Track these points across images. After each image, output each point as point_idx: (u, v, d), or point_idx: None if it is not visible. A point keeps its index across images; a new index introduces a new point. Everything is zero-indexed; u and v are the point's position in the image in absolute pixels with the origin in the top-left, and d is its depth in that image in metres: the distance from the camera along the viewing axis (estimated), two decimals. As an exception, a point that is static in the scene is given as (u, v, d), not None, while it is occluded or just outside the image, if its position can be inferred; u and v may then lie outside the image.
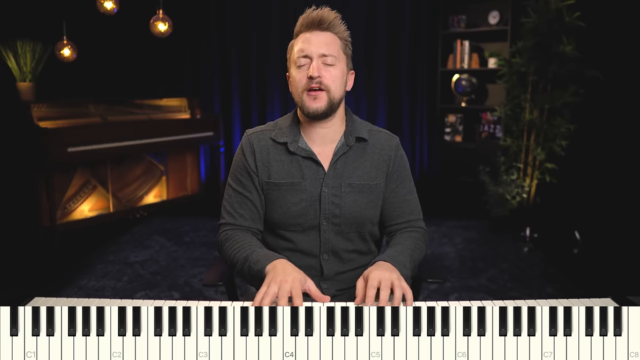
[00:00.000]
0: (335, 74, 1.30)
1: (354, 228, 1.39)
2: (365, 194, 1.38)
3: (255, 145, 1.38)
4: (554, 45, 3.64)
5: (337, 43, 1.32)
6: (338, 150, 1.37)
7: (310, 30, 1.31)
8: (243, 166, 1.38)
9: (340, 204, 1.36)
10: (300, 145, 1.36)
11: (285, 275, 1.10)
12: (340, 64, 1.31)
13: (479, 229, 4.11)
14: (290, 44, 1.36)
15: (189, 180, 4.88)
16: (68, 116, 3.88)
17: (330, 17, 1.31)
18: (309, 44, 1.29)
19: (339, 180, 1.36)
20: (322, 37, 1.30)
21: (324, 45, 1.29)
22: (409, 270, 1.28)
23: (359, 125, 1.41)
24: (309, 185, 1.35)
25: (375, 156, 1.40)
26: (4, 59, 3.78)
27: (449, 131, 5.00)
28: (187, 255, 3.53)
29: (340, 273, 1.41)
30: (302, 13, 1.35)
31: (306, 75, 1.29)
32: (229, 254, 1.32)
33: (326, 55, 1.29)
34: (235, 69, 5.22)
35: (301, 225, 1.37)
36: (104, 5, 3.72)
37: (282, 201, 1.36)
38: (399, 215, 1.43)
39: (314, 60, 1.28)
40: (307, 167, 1.36)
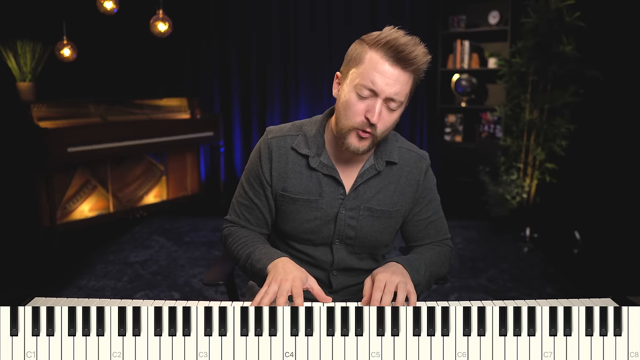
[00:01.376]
0: (392, 120, 1.18)
1: (367, 250, 1.35)
2: (383, 219, 1.30)
3: (274, 152, 1.28)
4: (554, 45, 3.64)
5: (409, 85, 1.17)
6: (364, 173, 1.27)
7: (392, 63, 1.12)
8: (257, 173, 1.31)
9: (356, 227, 1.29)
10: (323, 161, 1.26)
11: (285, 273, 1.09)
12: (402, 107, 1.18)
13: (479, 229, 4.11)
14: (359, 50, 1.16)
15: (189, 180, 4.88)
16: (68, 116, 3.88)
17: (421, 61, 1.14)
18: (383, 81, 1.12)
19: (358, 203, 1.28)
20: (400, 78, 1.13)
21: (397, 91, 1.14)
22: (422, 277, 1.23)
23: (391, 145, 1.30)
24: (325, 204, 1.27)
25: (401, 180, 1.30)
26: (4, 59, 3.78)
27: (449, 131, 5.00)
28: (187, 255, 3.53)
29: (349, 286, 1.39)
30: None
31: (364, 111, 1.15)
32: (232, 249, 1.31)
33: (394, 101, 1.15)
34: (235, 69, 5.22)
35: (312, 242, 1.32)
36: (104, 5, 3.72)
37: (296, 215, 1.29)
38: (424, 237, 1.38)
39: (378, 103, 1.13)
40: (326, 185, 1.27)
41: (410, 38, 1.13)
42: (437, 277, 1.34)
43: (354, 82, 1.15)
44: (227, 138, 5.29)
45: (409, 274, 1.15)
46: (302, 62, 5.11)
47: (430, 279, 1.28)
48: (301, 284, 1.07)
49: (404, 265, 1.18)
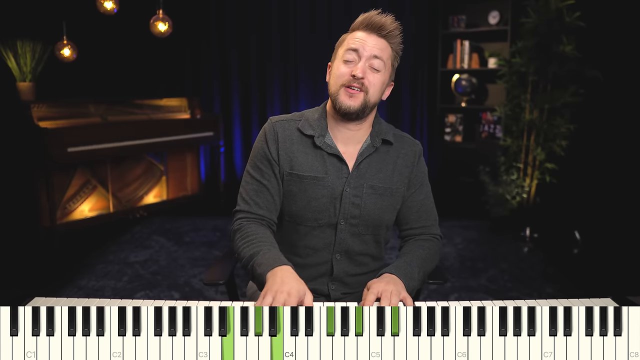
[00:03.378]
0: (378, 80, 1.29)
1: (371, 230, 1.38)
2: (386, 197, 1.37)
3: (280, 133, 1.35)
4: (554, 45, 3.64)
5: (389, 52, 1.31)
6: (363, 151, 1.36)
7: (368, 32, 1.30)
8: (264, 153, 1.35)
9: (361, 205, 1.34)
10: (327, 141, 1.35)
11: (282, 285, 1.07)
12: (385, 72, 1.31)
13: (479, 229, 4.11)
14: (343, 37, 1.35)
15: (189, 180, 4.87)
16: (68, 116, 3.88)
17: (391, 27, 1.30)
18: (363, 42, 1.28)
19: (361, 181, 1.35)
20: (377, 42, 1.29)
21: (377, 49, 1.28)
22: (417, 281, 1.27)
23: (385, 127, 1.41)
24: (331, 182, 1.33)
25: (398, 160, 1.39)
26: (4, 59, 3.78)
27: (449, 131, 5.00)
28: (187, 255, 3.53)
29: (350, 275, 1.39)
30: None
31: (350, 71, 1.28)
32: (238, 245, 1.29)
33: (376, 58, 1.28)
34: (235, 69, 5.22)
35: (318, 221, 1.35)
36: (104, 5, 3.72)
37: (304, 194, 1.33)
38: (415, 219, 1.43)
39: (362, 60, 1.27)
40: (331, 164, 1.34)
41: (382, 14, 1.30)
42: (430, 272, 1.39)
43: (340, 56, 1.31)
44: (227, 138, 5.29)
45: (403, 284, 1.18)
46: (302, 62, 5.11)
47: (424, 277, 1.34)
48: (296, 299, 1.05)
49: (397, 275, 1.21)
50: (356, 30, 1.31)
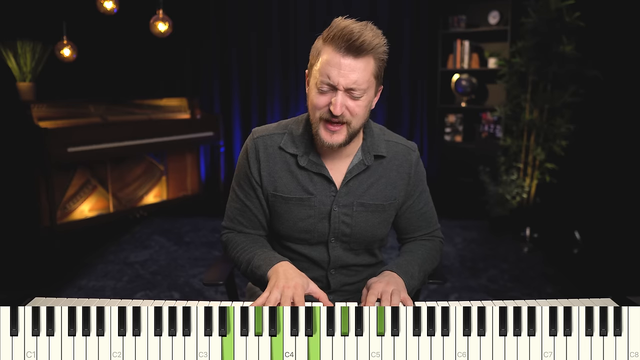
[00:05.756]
0: (361, 106, 1.15)
1: (364, 246, 1.35)
2: (377, 213, 1.30)
3: (262, 152, 1.26)
4: (554, 45, 3.64)
5: (370, 69, 1.14)
6: (353, 168, 1.26)
7: (344, 54, 1.11)
8: (246, 175, 1.29)
9: (351, 224, 1.28)
10: (312, 159, 1.25)
11: (287, 280, 1.09)
12: (368, 92, 1.15)
13: (479, 229, 4.11)
14: (318, 47, 1.17)
15: (189, 180, 4.87)
16: (68, 116, 3.88)
17: (371, 44, 1.11)
18: (337, 73, 1.11)
19: (351, 199, 1.27)
20: (355, 66, 1.11)
21: (355, 79, 1.11)
22: (417, 280, 1.24)
23: (377, 137, 1.29)
24: (318, 202, 1.26)
25: (392, 174, 1.29)
26: (4, 59, 3.78)
27: (449, 131, 5.00)
28: (187, 255, 3.53)
29: (347, 284, 1.38)
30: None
31: (327, 103, 1.14)
32: (233, 255, 1.31)
33: (354, 90, 1.12)
34: (235, 69, 5.22)
35: (308, 241, 1.31)
36: (104, 5, 3.72)
37: (289, 215, 1.28)
38: (416, 229, 1.39)
39: (338, 94, 1.12)
40: (317, 182, 1.26)
41: (358, 25, 1.12)
42: (430, 273, 1.36)
43: (315, 80, 1.16)
44: (227, 138, 5.29)
45: (404, 282, 1.17)
46: (302, 62, 5.11)
47: (424, 277, 1.31)
48: (303, 291, 1.07)
49: (398, 273, 1.19)
50: (331, 47, 1.13)
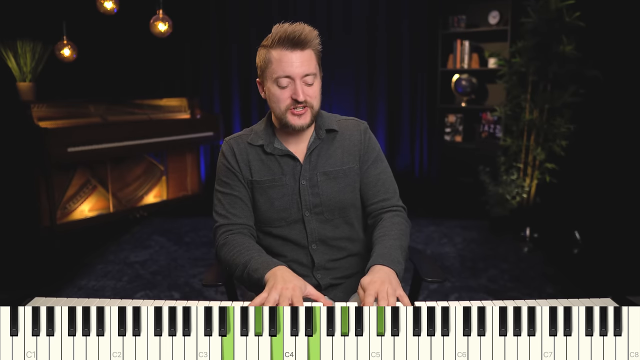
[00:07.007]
0: (316, 91, 1.35)
1: (337, 214, 1.44)
2: (340, 179, 1.43)
3: (235, 148, 1.44)
4: (554, 45, 3.64)
5: (314, 58, 1.35)
6: (311, 144, 1.43)
7: (289, 49, 1.31)
8: (226, 168, 1.43)
9: (319, 193, 1.42)
10: (276, 146, 1.42)
11: (285, 282, 1.12)
12: (317, 78, 1.36)
13: (479, 229, 4.11)
14: (264, 55, 1.36)
15: (189, 180, 4.88)
16: (68, 116, 3.88)
17: (310, 37, 1.32)
18: (291, 65, 1.31)
19: (314, 171, 1.42)
20: (302, 57, 1.32)
21: (306, 65, 1.32)
22: (402, 263, 1.30)
23: (328, 118, 1.47)
24: (288, 180, 1.41)
25: (345, 142, 1.46)
26: (4, 59, 3.78)
27: (449, 131, 5.00)
28: (187, 255, 3.53)
29: (332, 261, 1.44)
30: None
31: (289, 95, 1.33)
32: (227, 258, 1.33)
33: (308, 75, 1.32)
34: (235, 69, 5.23)
35: (286, 220, 1.42)
36: (104, 5, 3.72)
37: (266, 197, 1.41)
38: (375, 194, 1.47)
39: (297, 83, 1.31)
40: (285, 164, 1.42)
41: (295, 24, 1.32)
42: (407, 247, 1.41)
43: (272, 79, 1.34)
44: (227, 138, 5.29)
45: (395, 273, 1.20)
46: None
47: (406, 255, 1.37)
48: (301, 293, 1.10)
49: (386, 264, 1.22)
50: (278, 49, 1.32)
